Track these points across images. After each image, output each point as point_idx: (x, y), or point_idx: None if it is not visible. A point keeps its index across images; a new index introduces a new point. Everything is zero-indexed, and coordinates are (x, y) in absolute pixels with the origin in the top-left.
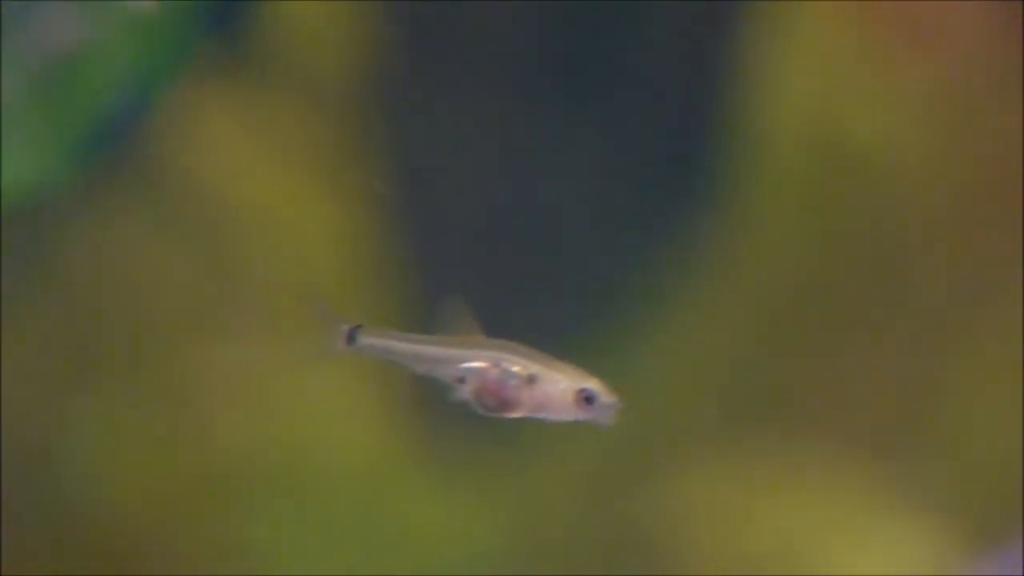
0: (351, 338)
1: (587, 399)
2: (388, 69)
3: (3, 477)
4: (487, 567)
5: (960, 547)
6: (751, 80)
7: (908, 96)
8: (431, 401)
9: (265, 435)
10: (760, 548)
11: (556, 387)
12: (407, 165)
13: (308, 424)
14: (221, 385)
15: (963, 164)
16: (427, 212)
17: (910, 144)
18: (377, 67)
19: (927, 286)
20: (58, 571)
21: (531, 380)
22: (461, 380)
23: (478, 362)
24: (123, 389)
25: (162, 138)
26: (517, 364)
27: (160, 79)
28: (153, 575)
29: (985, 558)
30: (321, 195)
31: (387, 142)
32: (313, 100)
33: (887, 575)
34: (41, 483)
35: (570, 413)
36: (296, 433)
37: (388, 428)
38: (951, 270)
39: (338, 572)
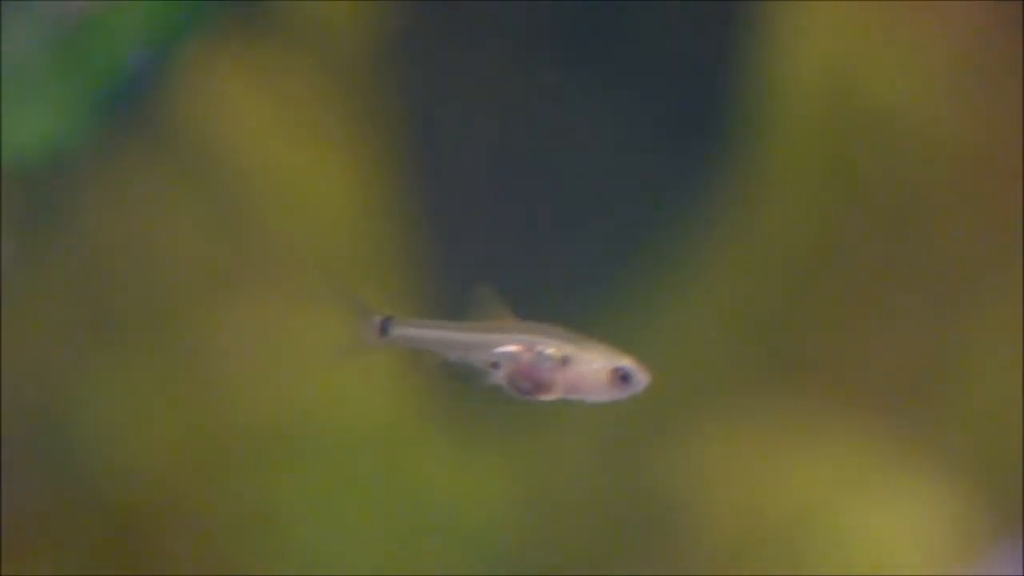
0: (384, 329)
1: (623, 378)
2: (408, 37)
3: (15, 443)
4: (506, 528)
5: (978, 508)
6: (768, 42)
7: (926, 56)
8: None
9: (282, 399)
10: (778, 508)
11: (590, 367)
12: (425, 134)
13: (325, 386)
14: (237, 349)
15: (980, 124)
16: (443, 181)
17: (928, 105)
18: (397, 34)
19: (946, 246)
20: (71, 541)
21: (565, 361)
22: (495, 365)
23: (511, 346)
24: (137, 352)
25: (178, 101)
26: (551, 346)
27: (176, 41)
28: (170, 542)
29: (1000, 531)
30: (337, 162)
31: (406, 111)
32: (331, 66)
33: (905, 535)
34: (54, 450)
35: (606, 393)
36: (314, 396)
37: (407, 389)
38: (970, 229)
39: (356, 533)
